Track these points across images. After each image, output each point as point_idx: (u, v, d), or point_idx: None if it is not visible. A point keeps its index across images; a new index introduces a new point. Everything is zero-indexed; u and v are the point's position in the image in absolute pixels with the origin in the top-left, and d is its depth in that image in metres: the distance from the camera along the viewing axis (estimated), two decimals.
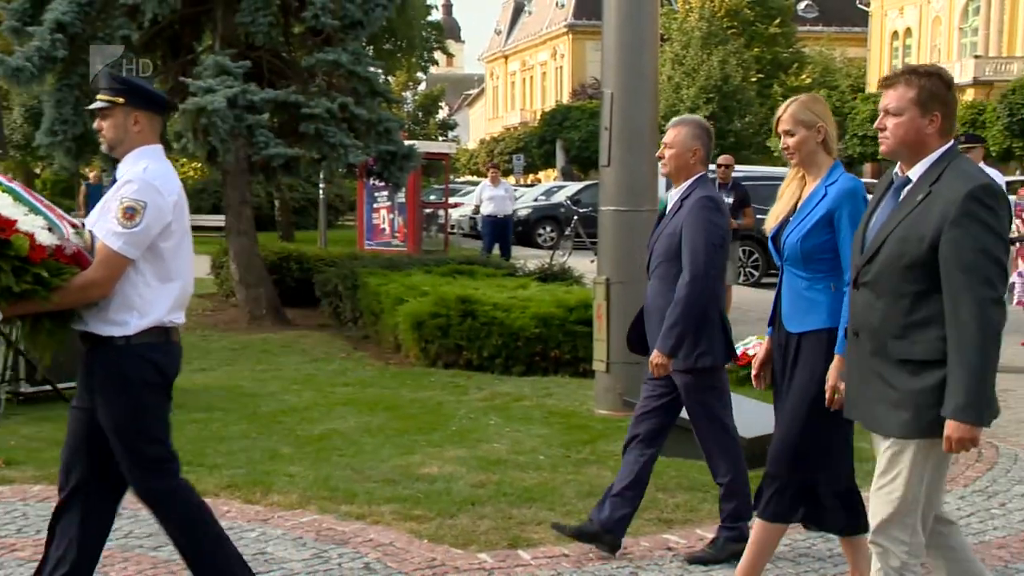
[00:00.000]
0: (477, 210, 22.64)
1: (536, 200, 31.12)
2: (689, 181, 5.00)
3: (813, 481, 4.40)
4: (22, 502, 6.02)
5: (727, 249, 5.15)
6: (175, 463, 4.25)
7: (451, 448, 7.24)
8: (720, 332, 5.07)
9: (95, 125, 4.21)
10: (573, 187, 32.10)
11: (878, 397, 3.63)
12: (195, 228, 17.86)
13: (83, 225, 4.04)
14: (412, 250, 21.12)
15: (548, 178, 50.31)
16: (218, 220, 24.44)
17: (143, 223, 3.88)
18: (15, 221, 3.74)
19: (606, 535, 5.08)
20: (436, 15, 47.07)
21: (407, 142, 14.70)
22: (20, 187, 4.01)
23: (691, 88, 45.20)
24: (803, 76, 49.41)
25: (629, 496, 5.08)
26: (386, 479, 6.46)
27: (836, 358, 4.13)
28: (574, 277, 13.07)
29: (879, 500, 3.64)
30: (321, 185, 23.19)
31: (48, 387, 8.58)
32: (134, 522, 5.63)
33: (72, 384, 8.76)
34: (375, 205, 23.05)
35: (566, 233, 25.12)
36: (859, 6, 54.35)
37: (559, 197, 30.27)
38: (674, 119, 5.17)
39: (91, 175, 25.52)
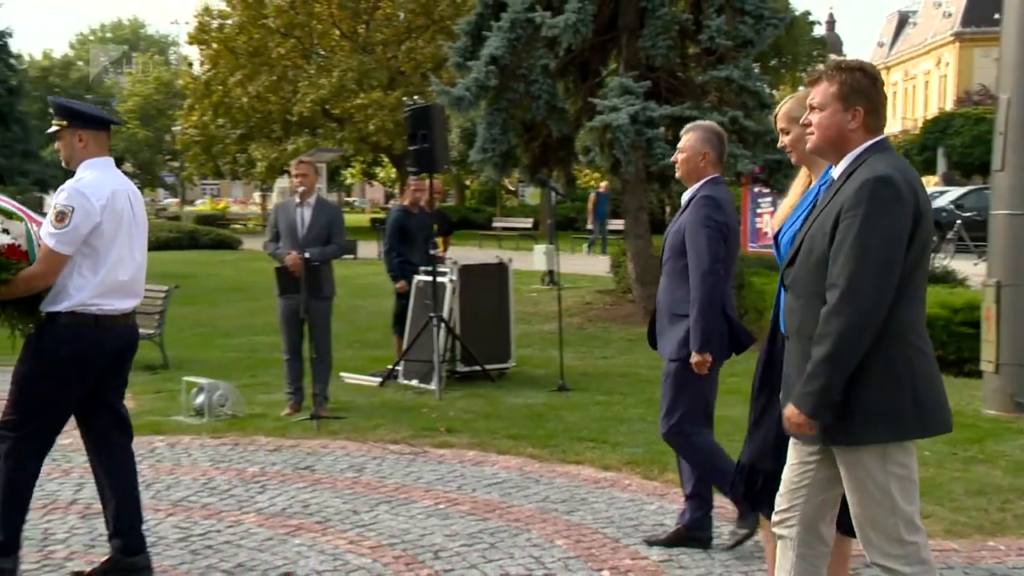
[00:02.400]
0: None
1: None
2: (700, 183, 4.77)
3: None
4: (460, 464, 6.46)
5: (735, 244, 4.82)
6: (39, 435, 4.37)
7: None
8: (723, 329, 4.69)
9: (56, 145, 4.50)
10: (956, 192, 29.82)
11: None
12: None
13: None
14: None
15: (928, 183, 47.13)
16: (617, 224, 25.04)
17: (71, 224, 4.18)
18: None
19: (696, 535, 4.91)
20: (820, 31, 45.43)
21: None
22: None
23: None
24: None
25: (700, 495, 4.95)
26: None
27: None
28: (958, 279, 12.21)
29: (857, 521, 3.21)
30: None
31: (478, 368, 9.16)
32: (550, 488, 5.91)
33: (497, 366, 9.37)
34: (758, 210, 22.58)
35: (948, 236, 23.43)
36: None
37: (941, 202, 28.15)
38: (688, 125, 4.95)
39: (601, 185, 26.62)
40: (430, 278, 8.95)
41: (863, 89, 3.19)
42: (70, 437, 7.03)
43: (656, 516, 5.39)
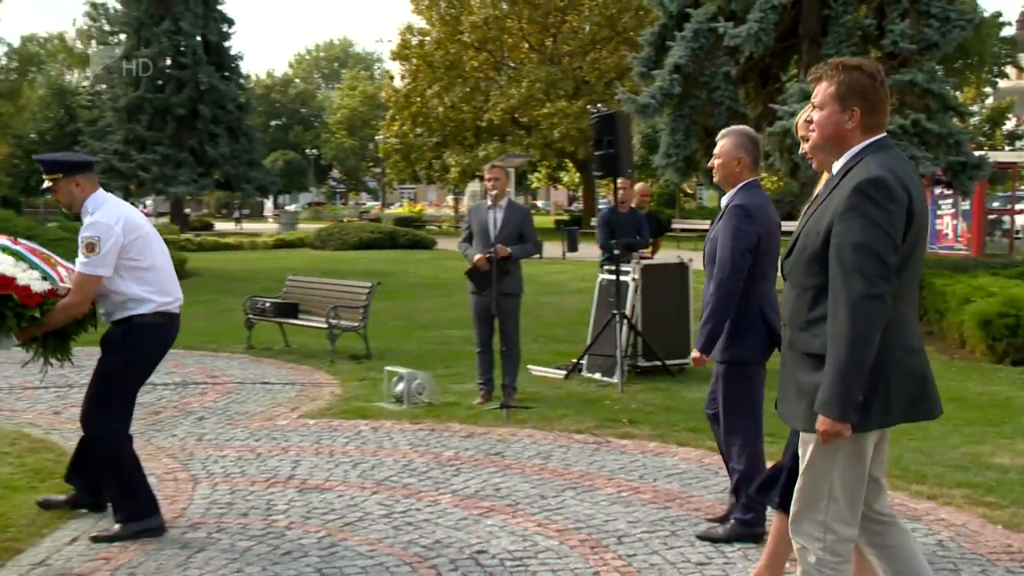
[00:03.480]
0: None
1: None
2: (736, 188, 4.69)
3: None
4: (641, 454, 6.42)
5: (774, 246, 4.66)
6: (122, 415, 4.87)
7: (1022, 441, 6.56)
8: (759, 329, 4.56)
9: (52, 197, 4.86)
10: None
11: (790, 389, 3.19)
12: None
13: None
14: (975, 253, 19.50)
15: None
16: (790, 225, 24.36)
17: (101, 251, 4.63)
18: (14, 278, 4.51)
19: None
20: (1009, 31, 42.70)
21: (976, 153, 13.53)
22: (24, 246, 4.77)
23: None
24: None
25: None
26: (955, 465, 6.02)
27: None
28: None
29: (795, 496, 3.20)
30: None
31: (659, 363, 9.07)
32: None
33: (677, 361, 9.25)
34: (939, 212, 21.66)
35: None
36: None
37: None
38: (723, 130, 4.83)
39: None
40: (614, 276, 8.93)
41: (861, 89, 3.10)
42: (287, 418, 7.41)
43: None
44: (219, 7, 45.04)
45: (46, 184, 4.86)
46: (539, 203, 79.67)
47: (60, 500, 5.17)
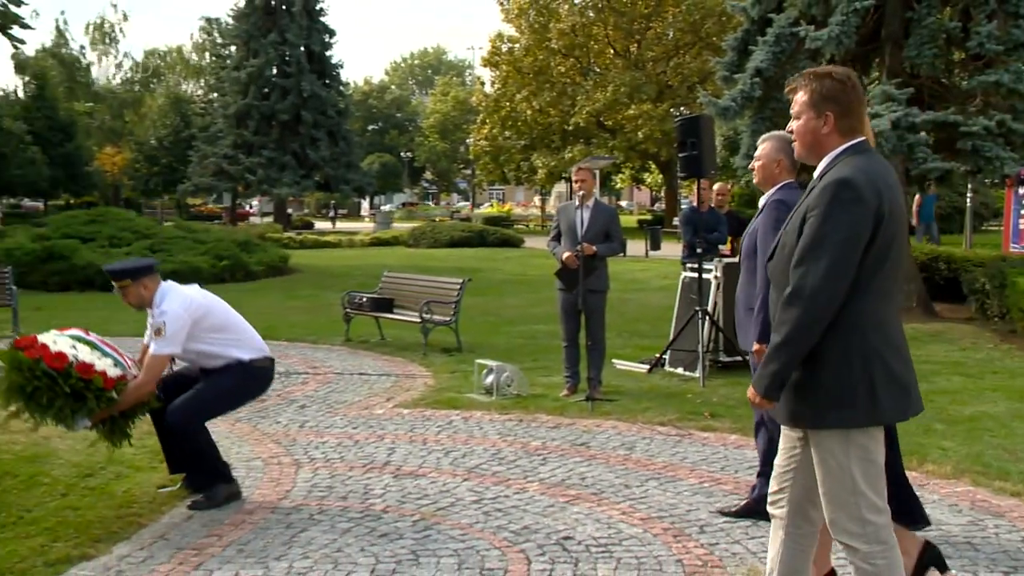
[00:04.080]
0: None
1: None
2: (774, 188, 4.65)
3: None
4: (723, 447, 6.34)
5: None
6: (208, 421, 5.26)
7: None
8: None
9: (123, 301, 5.18)
10: None
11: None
12: None
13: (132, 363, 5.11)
14: None
15: None
16: None
17: (168, 332, 5.00)
18: (93, 364, 4.77)
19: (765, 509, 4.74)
20: None
21: None
22: (95, 338, 5.02)
23: None
24: None
25: (768, 472, 4.71)
26: None
27: None
28: None
29: (823, 499, 3.11)
30: (968, 194, 21.48)
31: (739, 358, 8.94)
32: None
33: None
34: (1022, 212, 20.81)
35: None
36: None
37: None
38: (764, 135, 4.80)
39: (930, 188, 25.47)
40: (696, 274, 8.83)
41: (833, 95, 3.10)
42: (382, 408, 7.52)
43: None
44: (322, 19, 45.92)
45: (116, 291, 5.19)
46: (623, 203, 79.14)
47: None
